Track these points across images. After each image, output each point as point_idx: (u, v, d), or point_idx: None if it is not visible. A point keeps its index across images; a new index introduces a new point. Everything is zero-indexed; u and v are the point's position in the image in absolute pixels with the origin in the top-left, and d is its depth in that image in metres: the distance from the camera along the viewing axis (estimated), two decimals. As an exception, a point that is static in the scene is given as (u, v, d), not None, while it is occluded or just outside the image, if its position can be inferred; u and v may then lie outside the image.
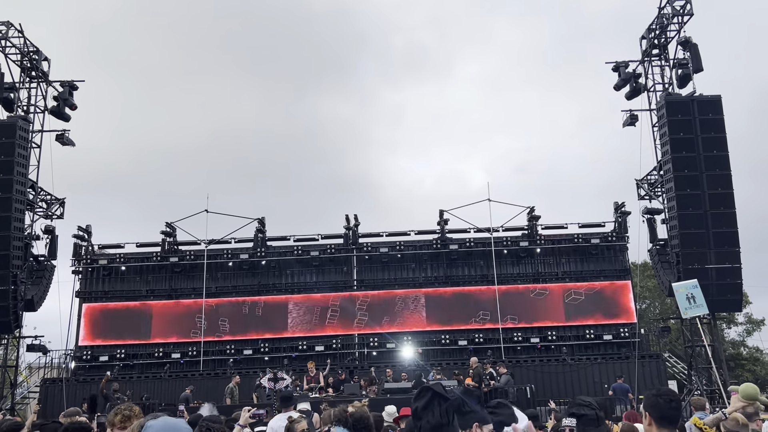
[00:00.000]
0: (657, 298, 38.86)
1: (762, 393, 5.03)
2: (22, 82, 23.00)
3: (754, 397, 4.85)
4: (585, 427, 3.78)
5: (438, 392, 2.69)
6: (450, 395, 2.72)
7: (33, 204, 22.90)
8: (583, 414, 3.88)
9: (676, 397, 3.50)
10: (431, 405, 2.65)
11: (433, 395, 2.67)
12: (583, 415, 3.87)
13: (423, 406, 2.66)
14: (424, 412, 2.64)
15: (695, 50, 21.27)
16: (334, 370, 20.48)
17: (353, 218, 25.72)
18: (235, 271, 25.51)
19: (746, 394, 4.82)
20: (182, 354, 24.15)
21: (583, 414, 3.88)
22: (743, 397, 4.81)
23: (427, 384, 2.85)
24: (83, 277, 25.22)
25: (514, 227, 25.75)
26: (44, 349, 23.39)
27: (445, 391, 2.74)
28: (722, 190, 20.17)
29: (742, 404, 4.81)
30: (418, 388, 2.81)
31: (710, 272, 19.67)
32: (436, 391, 2.69)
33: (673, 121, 20.62)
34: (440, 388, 2.78)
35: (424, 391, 2.72)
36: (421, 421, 2.64)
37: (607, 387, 21.56)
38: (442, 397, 2.66)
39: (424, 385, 2.81)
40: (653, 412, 3.47)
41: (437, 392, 2.68)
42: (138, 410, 5.28)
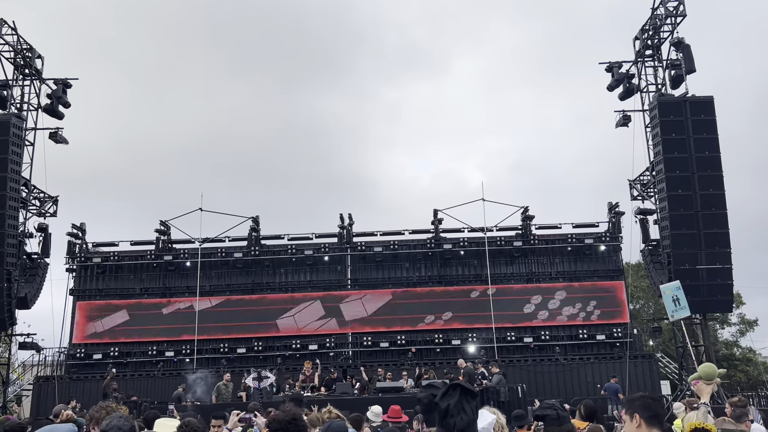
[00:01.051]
0: (650, 299, 38.97)
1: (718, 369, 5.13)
2: (16, 79, 23.00)
3: (714, 374, 4.93)
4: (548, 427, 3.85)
5: (466, 389, 2.65)
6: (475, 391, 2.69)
7: (26, 202, 22.89)
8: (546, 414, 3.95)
9: (659, 395, 3.61)
10: (462, 402, 2.62)
11: (462, 392, 2.64)
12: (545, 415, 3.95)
13: (454, 403, 2.62)
14: (456, 409, 2.61)
15: (688, 51, 21.36)
16: (326, 369, 20.51)
17: (347, 217, 25.76)
18: (229, 269, 25.52)
19: (708, 374, 4.89)
20: (176, 352, 24.16)
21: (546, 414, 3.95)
22: (707, 378, 4.87)
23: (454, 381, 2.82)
24: (77, 275, 25.20)
25: (508, 227, 25.82)
26: (37, 347, 23.40)
27: (472, 387, 2.72)
28: (714, 191, 20.26)
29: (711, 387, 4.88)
30: (444, 387, 2.77)
31: (701, 273, 19.76)
32: (464, 387, 2.66)
33: (666, 122, 20.69)
34: (467, 384, 2.74)
35: (453, 389, 2.68)
36: (454, 418, 2.60)
37: (600, 387, 21.66)
38: (471, 394, 2.64)
39: (452, 383, 2.73)
40: (645, 412, 3.49)
41: (466, 389, 2.65)
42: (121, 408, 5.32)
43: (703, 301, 19.64)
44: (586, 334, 24.16)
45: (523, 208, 25.64)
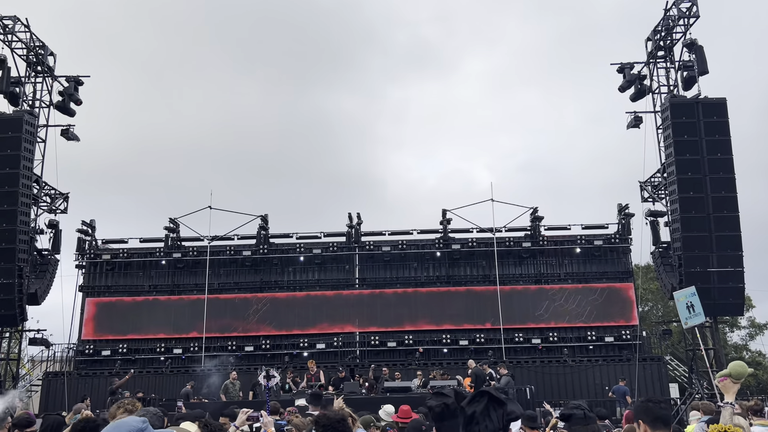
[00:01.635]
0: (659, 301, 38.78)
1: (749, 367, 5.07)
2: (28, 76, 23.12)
3: (745, 373, 4.86)
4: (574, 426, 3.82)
5: (494, 396, 2.61)
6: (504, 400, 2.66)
7: (37, 198, 23.02)
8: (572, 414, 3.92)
9: (665, 400, 3.60)
10: (488, 410, 2.57)
11: (489, 399, 2.59)
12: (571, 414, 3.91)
13: (480, 411, 2.57)
14: (482, 417, 2.56)
15: (701, 52, 21.21)
16: (334, 368, 20.51)
17: (356, 216, 25.76)
18: (238, 267, 25.59)
19: (739, 373, 4.82)
20: (184, 350, 24.23)
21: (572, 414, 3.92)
22: (737, 377, 4.80)
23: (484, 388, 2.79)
24: (86, 272, 25.34)
25: (517, 228, 25.74)
26: (47, 343, 23.55)
27: (500, 395, 2.66)
28: (726, 194, 20.12)
29: (738, 386, 4.82)
30: (473, 394, 2.73)
31: (712, 276, 19.64)
32: (492, 395, 2.61)
33: (678, 124, 20.57)
34: (495, 391, 2.70)
35: (480, 396, 2.63)
36: (479, 426, 2.56)
37: (608, 389, 21.57)
38: (498, 402, 2.59)
39: (480, 390, 2.69)
40: (646, 416, 3.53)
41: (493, 396, 2.61)
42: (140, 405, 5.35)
43: (714, 304, 19.49)
44: (595, 336, 24.05)
45: (532, 209, 25.56)
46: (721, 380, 4.83)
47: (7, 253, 20.48)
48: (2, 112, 21.61)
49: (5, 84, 21.63)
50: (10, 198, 20.61)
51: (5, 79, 21.63)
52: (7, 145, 20.85)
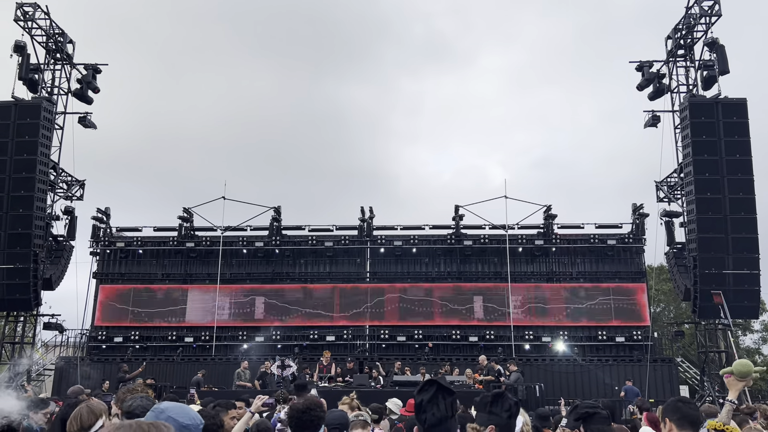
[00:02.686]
0: (672, 302, 38.49)
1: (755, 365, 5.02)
2: (47, 63, 23.30)
3: (749, 372, 4.81)
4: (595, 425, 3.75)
5: (443, 385, 2.70)
6: (453, 389, 2.72)
7: (54, 185, 23.23)
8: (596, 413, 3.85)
9: (694, 402, 3.55)
10: (436, 398, 2.65)
11: (438, 389, 2.68)
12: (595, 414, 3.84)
13: (428, 399, 2.67)
14: (429, 405, 2.65)
15: (722, 51, 20.94)
16: (343, 360, 20.57)
17: (368, 210, 25.76)
18: (250, 258, 25.70)
19: (741, 372, 4.77)
20: (195, 338, 24.40)
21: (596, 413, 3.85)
22: (740, 376, 4.75)
23: (433, 378, 2.88)
24: (100, 259, 25.55)
25: (529, 225, 25.61)
26: (60, 328, 23.80)
27: (449, 385, 2.75)
28: (744, 195, 19.89)
29: (743, 384, 4.77)
30: (422, 382, 2.83)
31: (728, 278, 19.45)
32: (441, 384, 2.70)
33: (696, 123, 20.34)
34: (445, 381, 2.80)
35: (429, 385, 2.73)
36: (426, 414, 2.65)
37: (618, 389, 21.46)
38: (447, 391, 2.67)
39: (429, 379, 2.81)
40: (673, 415, 3.47)
41: (442, 385, 2.70)
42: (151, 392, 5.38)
43: (729, 306, 19.30)
44: (606, 336, 23.91)
45: (545, 207, 25.42)
46: (726, 377, 4.80)
47: (23, 239, 20.70)
48: (21, 99, 21.79)
49: (24, 71, 21.81)
50: (27, 184, 20.82)
51: (24, 66, 21.81)
52: (25, 132, 21.04)
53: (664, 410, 3.64)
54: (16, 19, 22.04)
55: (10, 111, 21.22)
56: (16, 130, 21.04)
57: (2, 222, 20.64)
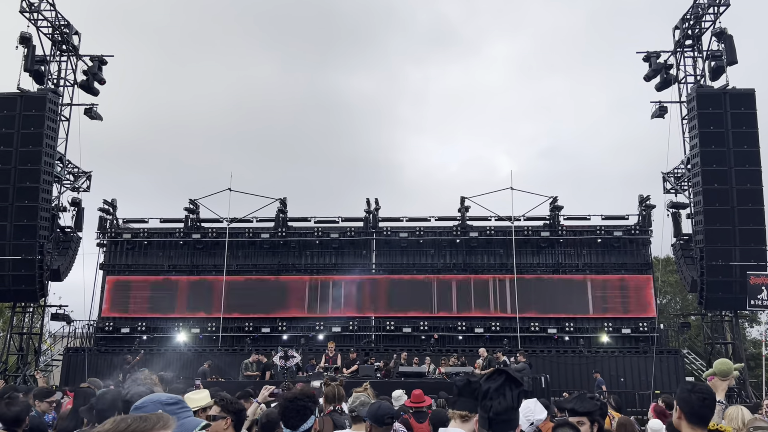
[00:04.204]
0: (678, 294, 38.39)
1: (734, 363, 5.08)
2: (53, 55, 23.31)
3: (729, 371, 4.85)
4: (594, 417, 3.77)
5: (512, 376, 2.69)
6: (522, 381, 2.72)
7: (60, 176, 23.30)
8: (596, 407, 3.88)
9: (711, 395, 3.35)
10: (503, 388, 2.65)
11: (506, 379, 2.67)
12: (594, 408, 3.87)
13: (495, 388, 2.66)
14: (496, 393, 2.65)
15: (730, 42, 20.75)
16: (348, 350, 20.65)
17: (374, 202, 25.75)
18: (256, 249, 25.75)
19: (722, 371, 4.81)
20: (201, 329, 24.51)
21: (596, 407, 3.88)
22: (722, 375, 4.79)
23: (501, 367, 2.85)
24: (107, 250, 25.66)
25: (535, 216, 25.54)
26: (68, 319, 23.94)
27: (518, 376, 2.75)
28: (751, 186, 19.77)
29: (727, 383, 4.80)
30: (489, 371, 2.83)
31: (734, 269, 19.36)
32: (510, 374, 2.69)
33: (704, 114, 20.20)
34: (513, 372, 2.78)
35: (498, 374, 2.72)
36: (492, 401, 2.64)
37: (623, 380, 21.50)
38: (515, 382, 2.67)
39: (498, 368, 2.79)
40: (685, 406, 3.41)
41: (511, 376, 2.69)
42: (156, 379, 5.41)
43: (735, 298, 19.25)
44: (612, 327, 23.88)
45: (551, 198, 25.34)
46: (709, 379, 4.83)
47: (29, 230, 20.80)
48: (27, 90, 21.83)
49: (30, 62, 21.83)
50: (32, 175, 20.89)
51: (30, 58, 21.83)
52: (30, 123, 21.09)
53: (678, 399, 3.60)
54: (21, 11, 22.04)
55: (15, 102, 21.27)
56: (22, 122, 21.09)
57: (8, 213, 20.73)
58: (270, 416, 5.85)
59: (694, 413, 3.36)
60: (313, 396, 3.99)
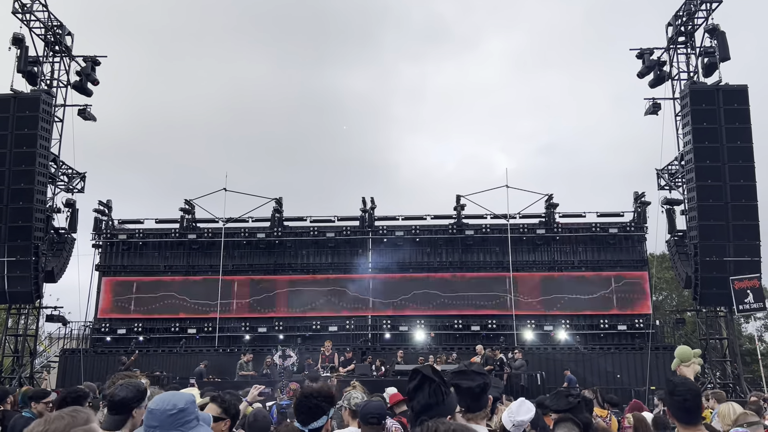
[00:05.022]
0: (674, 290, 38.51)
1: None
2: (46, 56, 23.25)
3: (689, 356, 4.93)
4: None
5: (427, 375, 2.79)
6: (438, 378, 2.79)
7: (54, 177, 23.24)
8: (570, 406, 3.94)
9: (692, 394, 3.32)
10: (422, 386, 2.75)
11: (422, 377, 2.78)
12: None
13: (414, 387, 2.79)
14: (415, 392, 2.76)
15: (723, 38, 20.81)
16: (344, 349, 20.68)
17: (369, 201, 25.76)
18: (252, 249, 25.73)
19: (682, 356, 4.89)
20: (198, 330, 24.49)
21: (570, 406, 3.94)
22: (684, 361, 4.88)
23: (417, 367, 2.98)
24: (103, 251, 25.62)
25: (531, 214, 25.60)
26: (63, 320, 23.88)
27: (433, 374, 2.82)
28: (745, 182, 19.83)
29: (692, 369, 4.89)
30: (410, 372, 2.94)
31: (729, 265, 19.42)
32: (424, 373, 2.81)
33: (697, 111, 20.26)
34: (429, 370, 2.88)
35: (415, 374, 2.85)
36: (413, 401, 2.77)
37: (619, 377, 21.57)
38: (431, 379, 2.77)
39: (415, 368, 2.91)
40: (670, 409, 3.43)
41: (426, 375, 2.79)
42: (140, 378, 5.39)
43: (730, 293, 19.30)
44: (608, 324, 23.95)
45: (547, 196, 25.39)
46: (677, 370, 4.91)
47: (23, 231, 20.74)
48: (20, 92, 21.76)
49: (23, 63, 21.76)
50: (27, 176, 20.83)
51: (23, 59, 21.76)
52: (24, 124, 21.03)
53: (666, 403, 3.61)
54: (14, 12, 21.96)
55: (9, 104, 21.19)
56: (16, 123, 21.02)
57: (3, 215, 20.67)
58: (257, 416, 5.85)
59: (674, 414, 3.37)
60: (330, 396, 3.97)
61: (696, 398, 3.35)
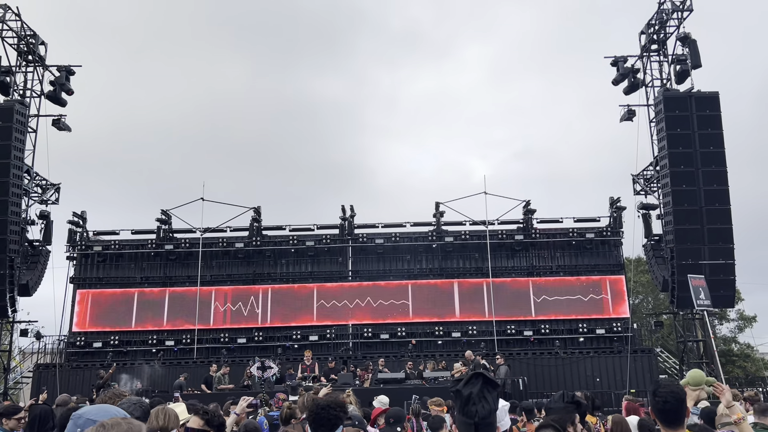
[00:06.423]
0: (650, 294, 39.07)
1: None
2: (19, 66, 22.88)
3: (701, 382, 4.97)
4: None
5: (489, 378, 2.69)
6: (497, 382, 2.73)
7: (28, 189, 22.83)
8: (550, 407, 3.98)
9: (674, 397, 3.32)
10: (483, 392, 2.65)
11: (485, 382, 2.67)
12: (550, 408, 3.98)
13: (477, 392, 2.65)
14: (478, 398, 2.64)
15: (694, 46, 21.30)
16: (326, 359, 20.56)
17: (349, 209, 25.73)
18: (231, 259, 25.50)
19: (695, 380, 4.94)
20: (176, 342, 24.15)
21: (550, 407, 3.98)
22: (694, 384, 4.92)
23: (478, 371, 2.86)
24: (78, 264, 25.16)
25: (509, 220, 25.80)
26: (38, 335, 23.41)
27: (494, 378, 2.75)
28: (718, 187, 20.27)
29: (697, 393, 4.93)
30: (467, 375, 2.83)
31: (704, 268, 19.79)
32: (487, 377, 2.70)
33: (671, 117, 20.67)
34: (489, 374, 2.79)
35: (475, 378, 2.71)
36: (476, 406, 2.62)
37: (599, 380, 21.79)
38: (493, 384, 2.69)
39: (475, 372, 2.77)
40: (653, 410, 3.45)
41: (488, 378, 2.69)
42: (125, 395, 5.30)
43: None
44: (586, 328, 24.18)
45: (524, 202, 25.63)
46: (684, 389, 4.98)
47: (-3, 244, 20.31)
48: (-8, 102, 21.37)
49: (-5, 73, 21.40)
50: (1, 188, 20.43)
51: (-5, 69, 21.40)
52: (-3, 135, 20.64)
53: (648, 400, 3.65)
54: (-15, 21, 21.61)
55: (-19, 114, 20.80)
56: (-12, 134, 20.62)
57: (-24, 228, 20.22)
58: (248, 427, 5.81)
59: (661, 416, 3.41)
60: (344, 405, 3.99)
61: (677, 401, 3.37)
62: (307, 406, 6.20)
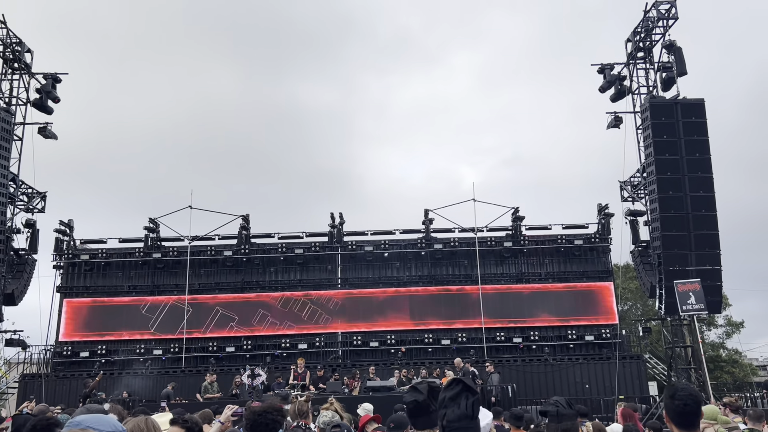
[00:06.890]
0: (639, 300, 39.23)
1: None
2: (5, 73, 22.73)
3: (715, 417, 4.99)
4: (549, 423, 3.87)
5: (468, 385, 2.73)
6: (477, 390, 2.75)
7: (14, 197, 22.63)
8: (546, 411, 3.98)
9: (693, 400, 3.31)
10: (459, 397, 2.68)
11: (463, 388, 2.71)
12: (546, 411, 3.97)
13: (451, 396, 2.70)
14: (451, 402, 2.68)
15: (679, 54, 21.52)
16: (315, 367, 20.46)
17: (338, 216, 25.69)
18: (219, 268, 25.36)
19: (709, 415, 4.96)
20: (164, 351, 23.96)
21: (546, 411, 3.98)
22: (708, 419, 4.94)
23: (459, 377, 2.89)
24: (64, 272, 24.94)
25: (498, 227, 25.87)
26: (23, 344, 23.15)
27: (474, 385, 2.76)
28: (704, 193, 20.42)
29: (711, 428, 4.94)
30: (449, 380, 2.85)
31: (691, 274, 19.89)
32: (466, 383, 2.73)
33: (657, 124, 20.83)
34: (471, 381, 2.82)
35: (455, 384, 2.76)
36: (446, 410, 2.67)
37: (588, 387, 21.82)
38: (471, 391, 2.71)
39: (455, 378, 2.82)
40: (669, 413, 3.42)
41: (467, 385, 2.72)
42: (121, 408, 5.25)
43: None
44: (575, 335, 24.24)
45: (513, 209, 25.71)
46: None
47: (-18, 253, 20.09)
48: (-23, 110, 21.20)
49: (-19, 81, 21.23)
50: (-15, 197, 20.23)
51: (-20, 76, 21.24)
52: (-18, 143, 20.46)
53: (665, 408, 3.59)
54: (-29, 29, 21.46)
55: (-34, 122, 20.62)
56: (-27, 142, 20.45)
57: (-40, 237, 20.00)
58: None
59: (673, 419, 3.39)
60: (281, 410, 3.98)
61: (696, 404, 3.37)
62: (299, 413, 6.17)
